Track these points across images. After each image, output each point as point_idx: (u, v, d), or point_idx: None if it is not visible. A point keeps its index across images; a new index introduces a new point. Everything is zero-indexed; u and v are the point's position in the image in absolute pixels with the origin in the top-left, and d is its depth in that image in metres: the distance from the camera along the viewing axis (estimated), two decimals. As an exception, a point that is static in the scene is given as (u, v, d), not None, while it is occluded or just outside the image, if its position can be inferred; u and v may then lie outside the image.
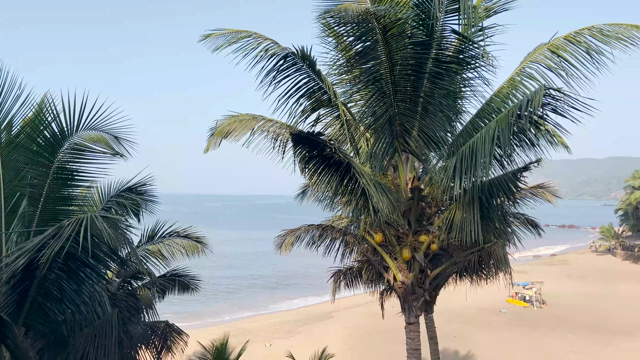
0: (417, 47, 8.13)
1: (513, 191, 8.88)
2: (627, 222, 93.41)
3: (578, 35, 8.27)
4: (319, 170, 8.49)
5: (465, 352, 35.92)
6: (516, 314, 47.81)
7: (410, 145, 8.98)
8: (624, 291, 59.35)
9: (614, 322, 44.53)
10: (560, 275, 70.38)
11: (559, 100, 7.24)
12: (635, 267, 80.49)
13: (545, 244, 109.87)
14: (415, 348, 9.87)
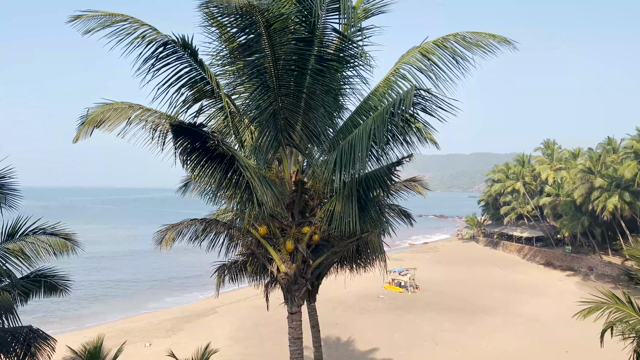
0: (300, 43, 8.30)
1: (388, 184, 9.48)
2: (488, 212, 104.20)
3: (445, 40, 9.07)
4: (201, 163, 8.31)
5: (346, 337, 37.61)
6: (393, 299, 51.14)
7: (294, 139, 9.16)
8: (484, 274, 66.32)
9: (477, 303, 49.62)
10: (431, 262, 76.56)
11: (427, 100, 7.87)
12: (495, 252, 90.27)
13: (419, 233, 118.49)
14: (297, 337, 10.15)
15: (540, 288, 57.02)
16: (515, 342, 37.23)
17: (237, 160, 7.97)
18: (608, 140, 68.52)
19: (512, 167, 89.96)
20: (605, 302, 16.12)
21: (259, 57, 8.27)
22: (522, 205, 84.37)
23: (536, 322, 42.47)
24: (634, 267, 17.41)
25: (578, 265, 67.43)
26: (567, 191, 68.58)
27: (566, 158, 77.94)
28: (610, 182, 57.31)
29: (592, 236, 66.63)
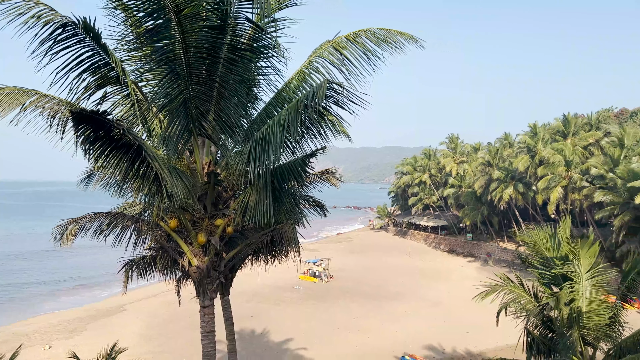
0: (212, 31, 8.08)
1: (302, 176, 9.57)
2: (398, 203, 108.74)
3: (356, 36, 9.30)
4: (105, 153, 7.85)
5: (261, 329, 37.61)
6: (308, 288, 51.92)
7: (206, 129, 8.94)
8: (394, 262, 69.31)
9: (387, 289, 51.78)
10: (345, 251, 78.59)
11: (340, 94, 8.03)
12: (403, 240, 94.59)
13: (334, 223, 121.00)
14: (210, 330, 9.98)
15: (445, 274, 60.69)
16: (422, 324, 39.38)
17: (144, 150, 7.63)
18: (505, 135, 74.14)
19: (420, 160, 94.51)
20: (500, 284, 17.54)
21: (168, 44, 7.93)
22: (429, 196, 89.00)
23: (441, 305, 45.22)
24: (525, 252, 19.03)
25: (478, 252, 72.56)
26: (469, 183, 73.36)
27: (468, 152, 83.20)
28: (506, 174, 62.08)
29: (491, 224, 71.91)
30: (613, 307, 16.07)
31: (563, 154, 54.20)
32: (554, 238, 17.20)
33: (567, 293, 15.41)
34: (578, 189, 52.15)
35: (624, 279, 16.22)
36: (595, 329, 15.46)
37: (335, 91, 8.15)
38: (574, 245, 16.14)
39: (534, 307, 16.42)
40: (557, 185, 53.53)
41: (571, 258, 16.17)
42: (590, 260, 16.21)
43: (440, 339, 35.80)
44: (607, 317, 15.70)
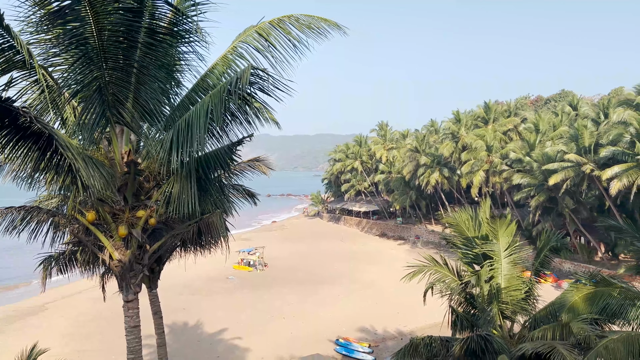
0: (127, 14, 7.65)
1: (229, 164, 9.40)
2: (331, 189, 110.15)
3: (281, 21, 9.17)
4: (12, 143, 7.30)
5: (194, 322, 36.95)
6: (242, 278, 51.54)
7: (125, 116, 8.51)
8: (328, 247, 70.32)
9: (321, 274, 52.49)
10: (279, 239, 78.65)
11: (265, 80, 7.94)
12: (337, 226, 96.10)
13: (268, 212, 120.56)
14: (135, 325, 9.63)
15: (376, 257, 62.41)
16: (355, 307, 40.37)
17: (55, 139, 7.15)
18: (431, 122, 76.91)
19: (352, 147, 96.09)
20: (426, 265, 18.26)
21: (79, 26, 7.43)
22: (360, 182, 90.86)
23: (373, 287, 46.51)
24: (450, 233, 19.92)
25: (407, 235, 75.20)
26: (398, 168, 75.60)
27: (397, 138, 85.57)
28: (432, 160, 64.54)
29: (419, 208, 74.64)
30: (528, 282, 17.27)
31: (484, 140, 57.09)
32: (475, 219, 18.12)
33: (487, 271, 16.33)
34: (498, 172, 55.21)
35: (538, 256, 17.43)
36: (513, 303, 16.52)
37: (260, 77, 8.04)
38: (493, 226, 17.10)
39: (457, 286, 17.26)
40: (480, 169, 56.39)
41: (491, 238, 17.12)
42: (508, 239, 17.25)
43: (372, 320, 36.87)
44: (523, 292, 16.82)
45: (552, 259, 18.38)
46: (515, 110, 67.57)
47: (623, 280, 20.65)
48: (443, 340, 16.68)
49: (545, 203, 48.01)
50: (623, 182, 38.73)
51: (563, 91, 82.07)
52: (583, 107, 56.19)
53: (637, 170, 38.42)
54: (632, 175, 38.47)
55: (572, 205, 45.56)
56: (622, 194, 40.56)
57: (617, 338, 12.71)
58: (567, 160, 43.60)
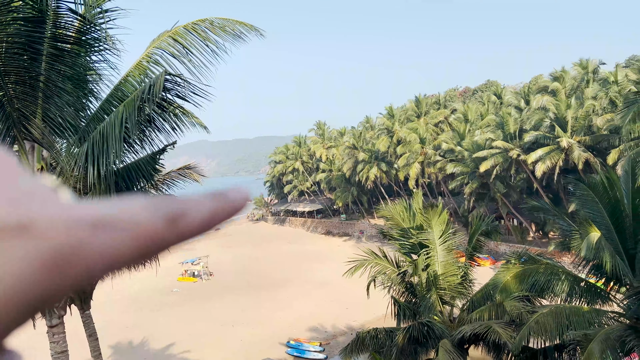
0: (27, 24, 7.25)
1: (152, 174, 9.12)
2: (274, 192, 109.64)
3: (196, 25, 9.00)
4: None
5: (140, 338, 35.65)
6: (188, 289, 50.26)
7: (33, 132, 8.03)
8: (276, 250, 69.98)
9: (272, 278, 52.16)
10: (224, 246, 77.36)
11: (181, 86, 7.76)
12: (283, 228, 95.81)
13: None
14: (61, 351, 9.13)
15: (324, 255, 62.82)
16: (306, 307, 40.44)
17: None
18: (366, 119, 78.37)
19: (291, 148, 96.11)
20: (367, 259, 18.63)
21: (-29, 39, 6.95)
22: (302, 182, 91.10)
23: (322, 286, 46.78)
24: (386, 225, 20.40)
25: (352, 230, 76.22)
26: (338, 166, 76.47)
27: (335, 137, 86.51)
28: (370, 155, 65.77)
29: (361, 203, 75.86)
30: (464, 266, 17.99)
31: (418, 133, 58.86)
32: (409, 210, 18.67)
33: (424, 259, 16.87)
34: (433, 163, 57.09)
35: (470, 241, 18.18)
36: (450, 288, 17.17)
37: (176, 83, 7.85)
38: (426, 215, 17.68)
39: (397, 276, 17.72)
40: (415, 162, 58.08)
41: (425, 227, 17.70)
42: (441, 227, 17.89)
43: (323, 319, 37.10)
44: (459, 277, 17.51)
45: (484, 243, 19.27)
46: (445, 102, 70.17)
47: (550, 257, 21.94)
48: (387, 331, 17.07)
49: (479, 189, 50.18)
50: (547, 164, 41.17)
51: (488, 81, 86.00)
52: (507, 95, 59.22)
53: (558, 153, 40.95)
54: (554, 157, 40.96)
55: (503, 190, 47.87)
56: (547, 176, 43.10)
57: (546, 312, 13.50)
58: (495, 147, 45.78)
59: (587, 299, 14.12)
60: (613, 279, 13.65)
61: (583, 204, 14.38)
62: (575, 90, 48.25)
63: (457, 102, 72.73)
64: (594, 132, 40.89)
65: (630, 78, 41.62)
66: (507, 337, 13.48)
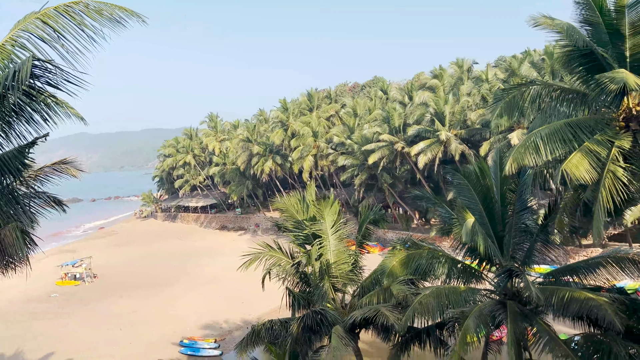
0: None
1: (20, 170, 8.26)
2: (164, 187, 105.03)
3: (69, 8, 8.20)
4: None
5: (12, 352, 32.30)
6: (69, 294, 46.46)
7: None
8: (166, 248, 67.23)
9: (162, 276, 50.03)
10: (109, 246, 72.69)
11: (52, 73, 7.09)
12: (174, 224, 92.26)
13: (95, 218, 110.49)
14: None
15: (218, 250, 61.66)
16: (200, 304, 39.43)
17: None
18: (260, 111, 78.01)
19: (182, 141, 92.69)
20: (261, 252, 18.61)
21: None
22: (195, 176, 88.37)
23: (216, 281, 45.91)
24: (281, 217, 20.53)
25: (247, 224, 75.67)
26: (232, 159, 75.33)
27: (228, 129, 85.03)
28: (265, 148, 65.65)
29: (256, 197, 75.54)
30: (354, 254, 18.70)
31: (310, 126, 59.89)
32: (303, 202, 18.96)
33: (317, 249, 17.26)
34: (325, 156, 58.51)
35: (360, 229, 18.94)
36: (342, 275, 17.76)
37: (47, 70, 7.17)
38: (319, 207, 18.07)
39: (291, 267, 17.94)
40: (308, 155, 59.11)
41: (318, 218, 18.09)
42: (333, 217, 18.41)
43: (217, 315, 36.46)
44: (350, 264, 18.18)
45: (373, 231, 20.18)
46: (336, 97, 72.12)
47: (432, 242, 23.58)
48: (283, 322, 17.25)
49: (367, 180, 52.42)
50: (428, 156, 44.16)
51: (375, 77, 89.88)
52: (392, 91, 62.37)
53: (437, 145, 44.09)
54: (434, 150, 44.05)
55: (390, 180, 50.49)
56: (428, 167, 46.22)
57: (429, 293, 14.48)
58: (382, 140, 48.08)
59: (463, 279, 15.37)
60: (485, 260, 15.02)
61: (459, 192, 15.59)
62: (453, 87, 52.25)
63: (347, 97, 75.18)
64: (469, 126, 44.64)
65: (499, 77, 46.04)
66: (394, 319, 14.27)
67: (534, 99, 12.21)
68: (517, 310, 13.51)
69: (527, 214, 14.85)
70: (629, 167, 10.51)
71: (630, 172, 10.67)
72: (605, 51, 10.99)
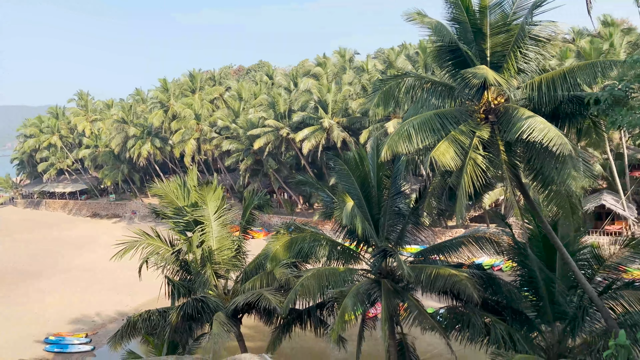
0: None
1: None
2: (25, 171, 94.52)
3: None
4: None
5: None
6: None
7: None
8: (28, 238, 60.82)
9: (23, 270, 45.35)
10: (-43, 238, 63.93)
11: None
12: (37, 212, 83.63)
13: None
14: None
15: (90, 239, 57.36)
16: (71, 296, 36.54)
17: None
18: (137, 91, 73.40)
19: (46, 120, 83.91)
20: (138, 240, 17.66)
21: None
22: (62, 159, 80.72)
23: (89, 272, 42.76)
24: (160, 203, 19.64)
25: (123, 211, 71.23)
26: (105, 142, 70.16)
27: (101, 109, 78.90)
28: (142, 130, 62.04)
29: (133, 182, 71.31)
30: (238, 240, 18.55)
31: (193, 108, 57.84)
32: (184, 187, 18.30)
33: (199, 236, 16.82)
34: (209, 140, 56.95)
35: (244, 215, 18.82)
36: (225, 262, 17.54)
37: None
38: (201, 192, 17.59)
39: (171, 255, 17.31)
40: (191, 138, 57.12)
41: (200, 204, 17.61)
42: (216, 203, 18.04)
43: (90, 308, 34.11)
44: (233, 250, 18.02)
45: (258, 216, 20.17)
46: (220, 79, 70.35)
47: (314, 226, 24.21)
48: (161, 311, 16.62)
49: (253, 166, 52.16)
50: (312, 143, 45.10)
51: (261, 62, 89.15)
52: (277, 76, 62.42)
53: (321, 132, 45.20)
54: (317, 137, 45.10)
55: (275, 166, 50.75)
56: (312, 153, 47.22)
57: (310, 275, 14.88)
58: (267, 125, 48.06)
59: (343, 260, 16.07)
60: (363, 241, 15.83)
61: (340, 177, 16.19)
62: (335, 75, 53.73)
63: (232, 80, 73.73)
64: (350, 114, 46.34)
65: (378, 68, 48.28)
66: (276, 302, 14.47)
67: (408, 90, 12.98)
68: (390, 287, 14.45)
69: (401, 198, 15.86)
70: (487, 155, 11.67)
71: (488, 159, 11.86)
72: (469, 48, 12.02)
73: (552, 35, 12.35)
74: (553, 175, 11.33)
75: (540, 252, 13.78)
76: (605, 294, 13.00)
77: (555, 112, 12.04)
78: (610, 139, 33.03)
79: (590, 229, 34.50)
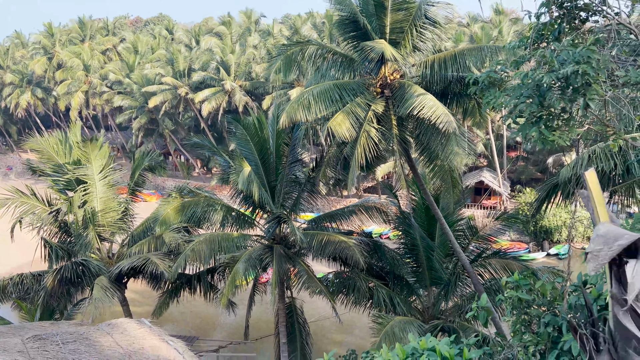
0: None
1: None
2: None
3: None
4: None
5: None
6: None
7: None
8: None
9: None
10: None
11: None
12: None
13: None
14: None
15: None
16: None
17: None
18: (16, 34, 65.62)
19: None
20: (9, 198, 16.08)
21: None
22: None
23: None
24: (38, 159, 17.95)
25: (-4, 166, 64.35)
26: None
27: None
28: (21, 78, 55.92)
29: (9, 135, 64.47)
30: (125, 202, 17.60)
31: (82, 58, 53.04)
32: (65, 143, 16.86)
33: (81, 196, 15.68)
34: (99, 94, 52.77)
35: (133, 176, 17.84)
36: (110, 224, 16.59)
37: None
38: (85, 149, 16.32)
39: (49, 216, 16.01)
40: (78, 91, 52.53)
41: (84, 162, 16.36)
42: (102, 162, 16.84)
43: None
44: (120, 212, 17.07)
45: (150, 178, 19.27)
46: (114, 30, 65.06)
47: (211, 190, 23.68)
48: (35, 275, 15.42)
49: (147, 125, 49.41)
50: (212, 105, 43.68)
51: (161, 15, 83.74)
52: (178, 32, 59.11)
53: (222, 94, 43.88)
54: (218, 99, 43.76)
55: (172, 127, 48.57)
56: (213, 116, 45.82)
57: (202, 240, 14.62)
58: (165, 83, 45.57)
59: (237, 225, 15.97)
60: (259, 208, 15.82)
61: (239, 142, 15.91)
62: (240, 37, 52.10)
63: (128, 31, 68.50)
64: (253, 79, 45.38)
65: (284, 33, 47.59)
66: (164, 267, 14.07)
67: (311, 58, 12.97)
68: (282, 253, 14.67)
69: (298, 166, 16.01)
70: (380, 129, 12.11)
71: (381, 133, 12.32)
72: (370, 22, 12.22)
73: (448, 17, 12.96)
74: (438, 150, 12.08)
75: (423, 222, 14.75)
76: (476, 261, 14.29)
77: (444, 91, 12.76)
78: (493, 120, 35.85)
79: (469, 203, 37.60)
